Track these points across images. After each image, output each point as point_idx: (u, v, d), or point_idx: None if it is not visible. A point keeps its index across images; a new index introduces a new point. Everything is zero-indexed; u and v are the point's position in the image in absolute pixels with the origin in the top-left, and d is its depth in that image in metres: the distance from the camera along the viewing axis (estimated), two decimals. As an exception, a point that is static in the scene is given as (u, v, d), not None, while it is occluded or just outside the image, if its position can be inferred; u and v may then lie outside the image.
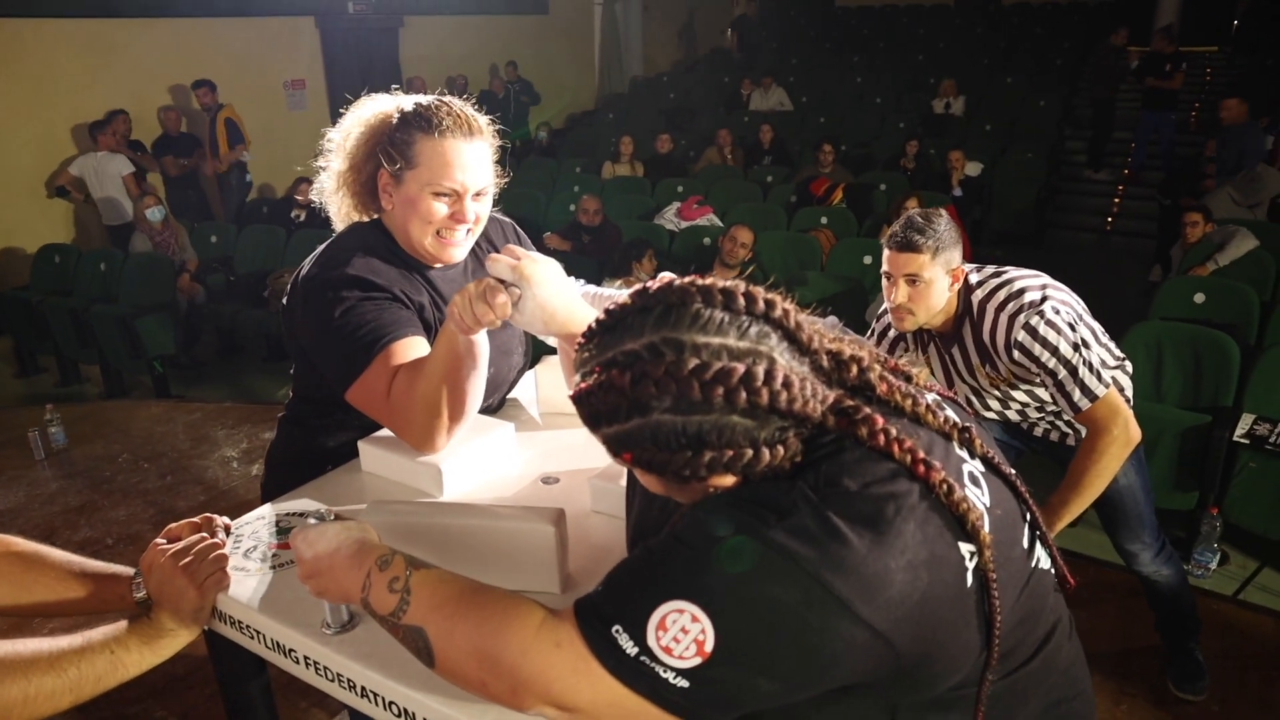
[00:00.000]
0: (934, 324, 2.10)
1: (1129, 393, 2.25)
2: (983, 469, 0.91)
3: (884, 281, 2.09)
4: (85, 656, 1.14)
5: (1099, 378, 1.97)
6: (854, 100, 10.70)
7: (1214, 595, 3.07)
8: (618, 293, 1.79)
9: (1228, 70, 11.24)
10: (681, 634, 0.77)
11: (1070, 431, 2.23)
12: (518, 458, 1.58)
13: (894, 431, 0.83)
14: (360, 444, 1.54)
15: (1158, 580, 2.40)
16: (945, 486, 0.82)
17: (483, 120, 1.51)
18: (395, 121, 1.48)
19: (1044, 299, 1.99)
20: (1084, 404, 1.97)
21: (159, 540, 1.31)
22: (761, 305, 0.83)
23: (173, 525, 1.34)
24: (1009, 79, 10.62)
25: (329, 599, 1.08)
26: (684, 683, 0.77)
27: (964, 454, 0.90)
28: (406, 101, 1.51)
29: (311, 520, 1.08)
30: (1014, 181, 8.07)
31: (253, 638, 1.22)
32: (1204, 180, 6.91)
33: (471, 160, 1.47)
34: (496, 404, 1.77)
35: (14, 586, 1.31)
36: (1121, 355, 2.24)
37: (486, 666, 0.86)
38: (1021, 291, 2.01)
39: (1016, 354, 1.99)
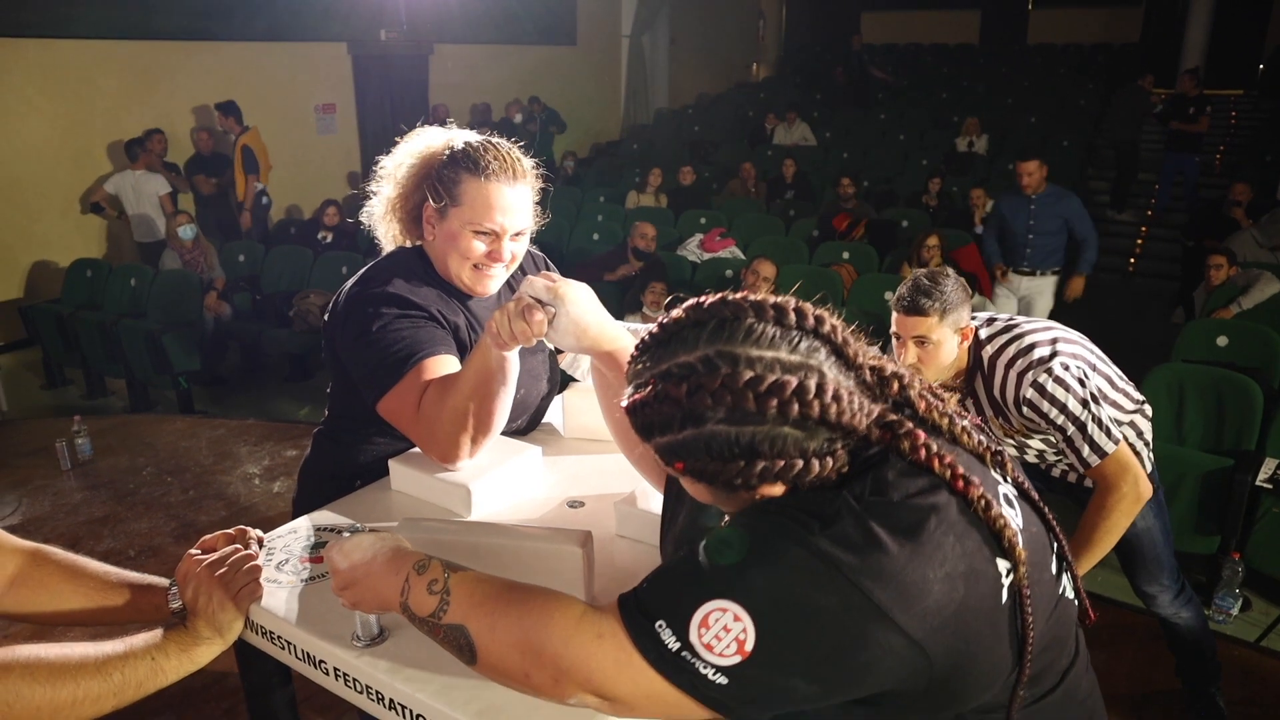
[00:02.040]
0: (945, 380, 2.12)
1: (1149, 435, 2.25)
2: (1014, 493, 0.94)
3: (893, 342, 2.11)
4: (128, 662, 1.17)
5: (1109, 434, 1.97)
6: (877, 137, 10.76)
7: (1236, 641, 3.03)
8: (641, 327, 1.83)
9: (1253, 114, 11.25)
10: (723, 632, 0.79)
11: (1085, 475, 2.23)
12: (544, 481, 1.61)
13: (935, 446, 0.86)
14: (391, 462, 1.57)
15: (1177, 623, 2.39)
16: (984, 502, 0.84)
17: (528, 164, 1.57)
18: (445, 159, 1.55)
19: (1053, 354, 2.00)
20: (1093, 460, 1.98)
21: (194, 551, 1.34)
22: (811, 320, 0.87)
23: (207, 536, 1.37)
24: (1032, 118, 10.65)
25: (364, 609, 1.11)
26: (723, 679, 0.80)
27: (997, 476, 0.93)
28: (457, 139, 1.57)
29: (345, 533, 1.11)
30: (1036, 220, 8.06)
31: (284, 648, 1.24)
32: (1228, 224, 6.89)
33: (513, 203, 1.54)
34: (524, 426, 1.80)
35: (53, 595, 1.34)
36: (1140, 398, 2.25)
37: (530, 658, 0.89)
38: (1031, 348, 2.02)
39: (1026, 410, 2.00)
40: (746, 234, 7.14)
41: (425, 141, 1.60)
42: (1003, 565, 0.84)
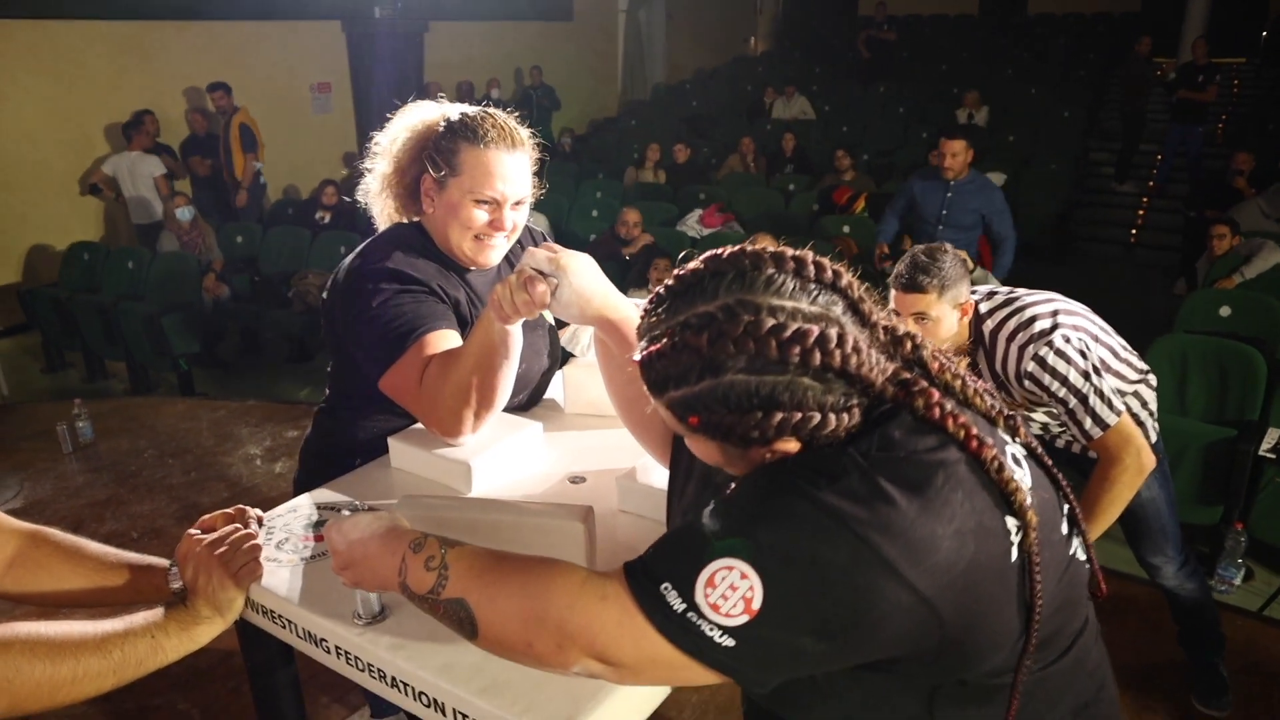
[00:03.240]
0: None
1: (1153, 406, 2.24)
2: (1024, 454, 0.93)
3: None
4: (129, 640, 1.17)
5: (1110, 406, 1.96)
6: (877, 110, 10.68)
7: (1238, 611, 3.04)
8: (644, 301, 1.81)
9: (1256, 82, 11.15)
10: (730, 591, 0.78)
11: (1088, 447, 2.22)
12: (545, 457, 1.60)
13: (949, 405, 0.85)
14: (390, 440, 1.56)
15: (1181, 594, 2.38)
16: (996, 463, 0.83)
17: (524, 133, 1.57)
18: (442, 130, 1.54)
19: (1054, 327, 1.98)
20: (1096, 432, 1.97)
21: (193, 530, 1.33)
22: (830, 274, 0.86)
23: (206, 516, 1.36)
24: (1033, 90, 10.56)
25: (364, 588, 1.10)
26: (730, 641, 0.78)
27: (1007, 437, 0.92)
28: (453, 110, 1.57)
29: (345, 512, 1.10)
30: (1038, 193, 8.03)
31: (284, 627, 1.24)
32: (1231, 194, 6.84)
33: (513, 171, 1.53)
34: (525, 402, 1.79)
35: (52, 576, 1.34)
36: (1144, 368, 2.23)
37: (532, 625, 0.87)
38: (1032, 320, 2.01)
39: (1027, 383, 1.99)
40: (746, 209, 7.10)
41: (419, 115, 1.59)
42: (1012, 524, 0.83)
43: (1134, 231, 8.87)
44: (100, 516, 3.56)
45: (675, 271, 0.90)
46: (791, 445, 0.85)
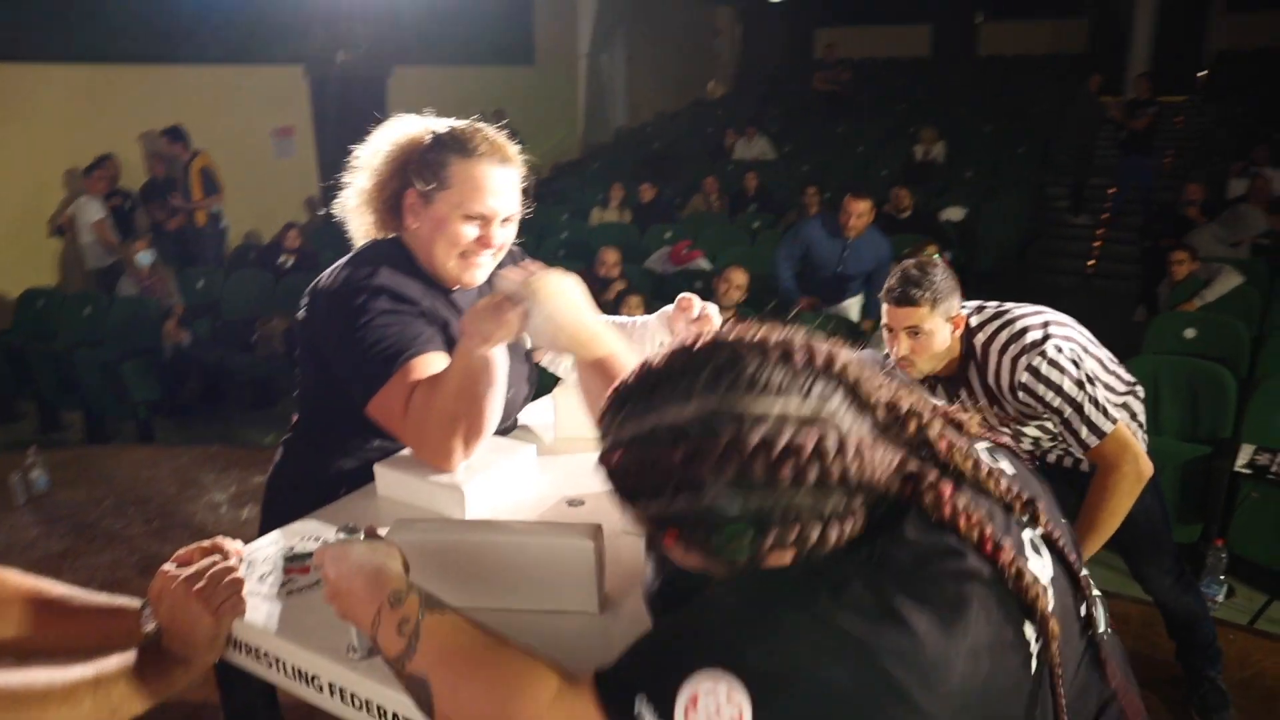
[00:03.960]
0: (938, 369, 2.09)
1: (1141, 417, 2.24)
2: (1043, 542, 0.83)
3: (885, 334, 2.08)
4: (100, 687, 1.08)
5: (1105, 414, 1.96)
6: (837, 149, 10.85)
7: (1229, 625, 3.03)
8: (636, 319, 1.76)
9: (1198, 118, 11.52)
10: (714, 715, 0.69)
11: (1084, 458, 2.21)
12: (540, 480, 1.54)
13: (962, 503, 0.75)
14: (376, 467, 1.49)
15: (1176, 608, 2.37)
16: (1015, 570, 0.74)
17: (514, 149, 1.52)
18: (429, 142, 1.49)
19: (1046, 338, 1.98)
20: (1092, 441, 1.96)
21: (168, 566, 1.25)
22: (821, 360, 0.75)
23: (182, 551, 1.28)
24: (988, 127, 10.82)
25: (351, 622, 1.03)
26: None
27: (1026, 525, 0.83)
28: (439, 124, 1.52)
29: (340, 534, 1.03)
30: (997, 226, 8.17)
31: (271, 666, 1.15)
32: (1184, 223, 7.01)
33: (503, 186, 1.48)
34: (509, 428, 1.73)
35: (10, 622, 1.24)
36: (1132, 380, 2.24)
37: None
38: (1023, 332, 2.00)
39: (1022, 395, 1.98)
40: (712, 246, 7.13)
41: (402, 128, 1.54)
42: (1030, 632, 0.75)
43: (1091, 262, 9.05)
44: (57, 569, 3.38)
45: (640, 363, 0.79)
46: (783, 558, 0.75)
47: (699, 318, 1.58)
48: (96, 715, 1.07)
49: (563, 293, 1.20)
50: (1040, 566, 0.79)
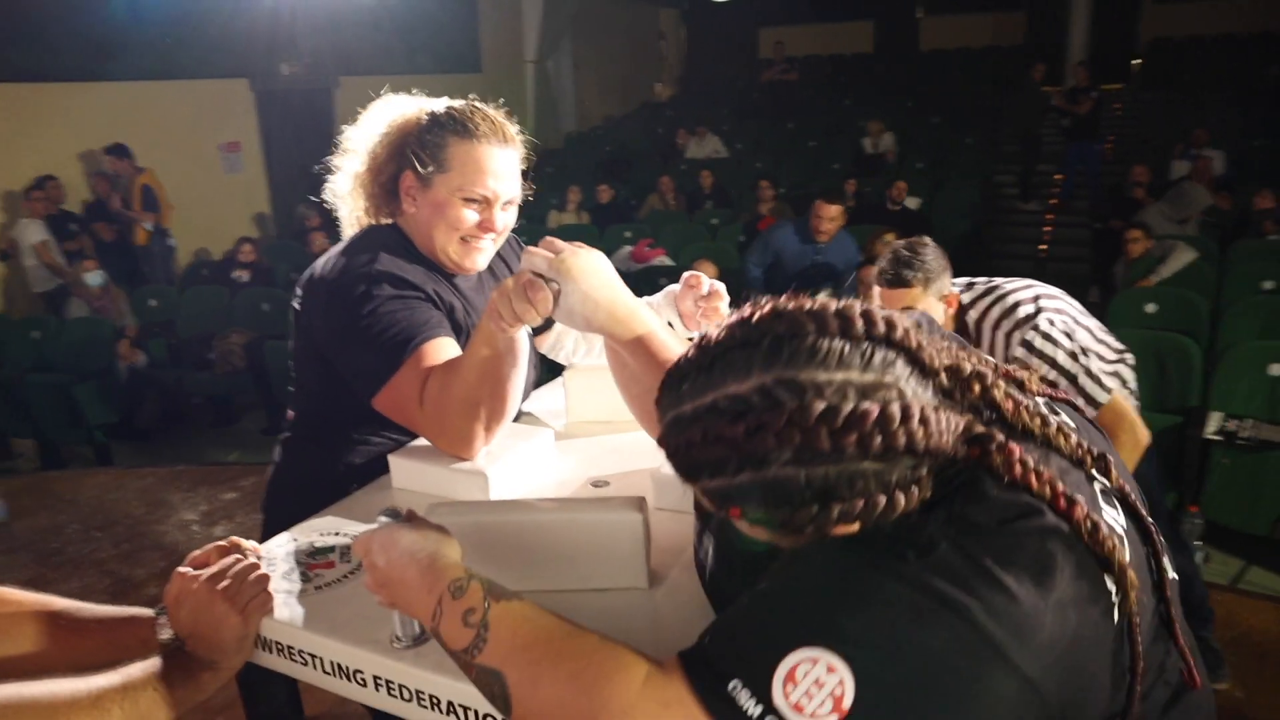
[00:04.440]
0: None
1: (1133, 384, 2.27)
2: (1115, 494, 0.83)
3: None
4: (128, 695, 1.02)
5: (1100, 384, 1.97)
6: (787, 145, 10.95)
7: (1214, 586, 3.08)
8: (641, 300, 1.73)
9: (1135, 104, 11.84)
10: (815, 688, 0.67)
11: None
12: (560, 464, 1.50)
13: (1031, 461, 0.74)
14: (391, 458, 1.43)
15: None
16: (1089, 524, 0.73)
17: (514, 129, 1.47)
18: (426, 123, 1.43)
19: (1038, 311, 2.00)
20: (1089, 411, 1.96)
21: (184, 569, 1.19)
22: (881, 327, 0.73)
23: (196, 553, 1.22)
24: (934, 119, 11.00)
25: (401, 611, 0.98)
26: None
27: (1098, 477, 0.82)
28: (436, 104, 1.47)
29: (383, 519, 0.98)
30: (951, 215, 8.30)
31: (305, 663, 1.10)
32: (1131, 204, 7.19)
33: (504, 168, 1.44)
34: (514, 415, 1.69)
35: (15, 640, 1.18)
36: (1121, 348, 2.26)
37: None
38: (1015, 306, 2.02)
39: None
40: (673, 244, 7.14)
41: (397, 109, 1.48)
42: (1109, 584, 0.74)
43: (1043, 246, 9.22)
44: (22, 600, 3.24)
45: (697, 338, 0.78)
46: (851, 529, 0.73)
47: (708, 294, 1.55)
48: None
49: (597, 270, 1.14)
50: (1113, 518, 0.79)
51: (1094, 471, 0.82)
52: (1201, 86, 11.10)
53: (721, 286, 1.56)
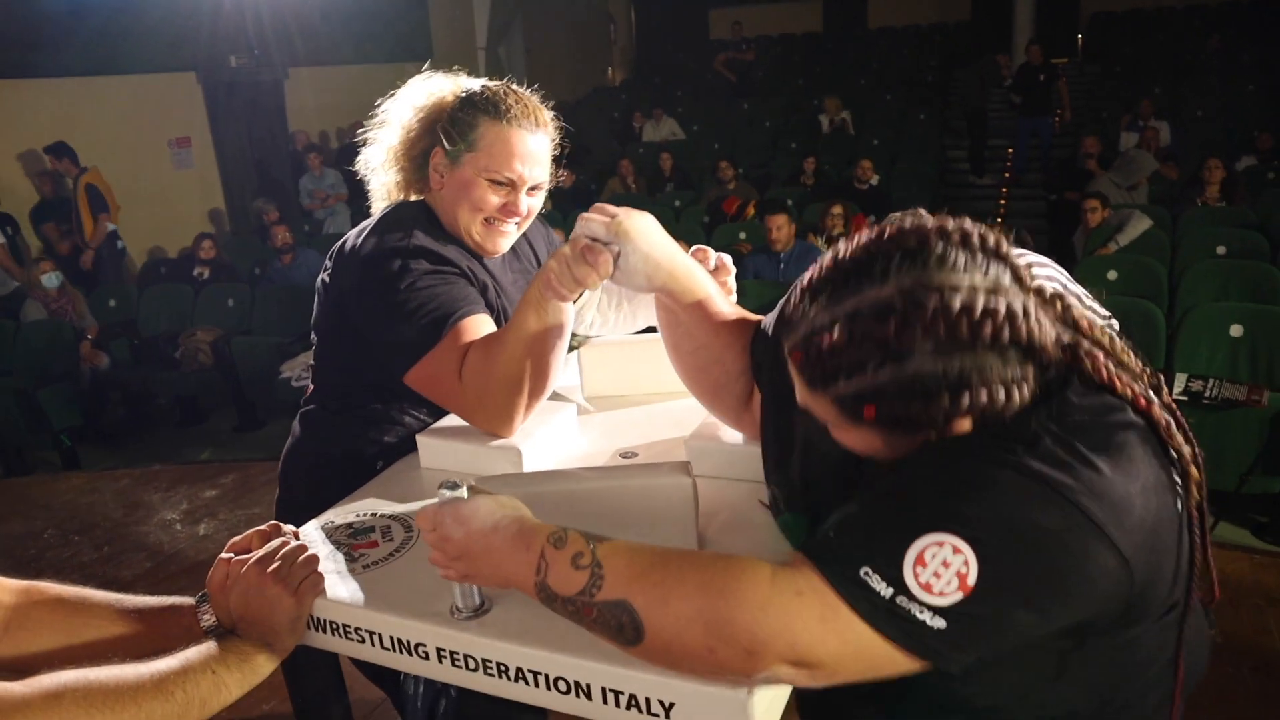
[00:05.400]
0: None
1: (1117, 347, 2.35)
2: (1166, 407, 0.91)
3: None
4: (189, 678, 1.02)
5: None
6: (744, 125, 11.00)
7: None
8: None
9: (1080, 78, 12.08)
10: (942, 568, 0.74)
11: None
12: (586, 437, 1.51)
13: (1113, 367, 0.84)
14: (419, 438, 1.43)
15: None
16: (1164, 421, 0.83)
17: (548, 114, 1.47)
18: (461, 101, 1.43)
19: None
20: None
21: (226, 554, 1.19)
22: (993, 242, 0.82)
23: (238, 539, 1.22)
24: (887, 96, 11.12)
25: (479, 582, 0.99)
26: (941, 623, 0.74)
27: (1153, 394, 0.89)
28: (472, 83, 1.47)
29: (445, 492, 0.99)
30: (907, 190, 8.41)
31: (363, 640, 1.10)
32: (1084, 175, 7.35)
33: (534, 152, 1.44)
34: None
35: (59, 633, 1.17)
36: (1106, 313, 2.32)
37: (714, 630, 0.79)
38: None
39: None
40: (639, 227, 7.13)
41: (433, 86, 1.48)
42: (1178, 482, 0.84)
43: (999, 220, 9.39)
44: (3, 608, 3.16)
45: (826, 258, 0.85)
46: (965, 426, 0.82)
47: (716, 268, 1.57)
48: (187, 707, 1.02)
49: (653, 230, 1.16)
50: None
51: (1155, 383, 0.90)
52: (1143, 60, 11.37)
53: (728, 259, 1.58)
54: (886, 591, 0.75)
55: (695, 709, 0.89)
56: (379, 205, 1.56)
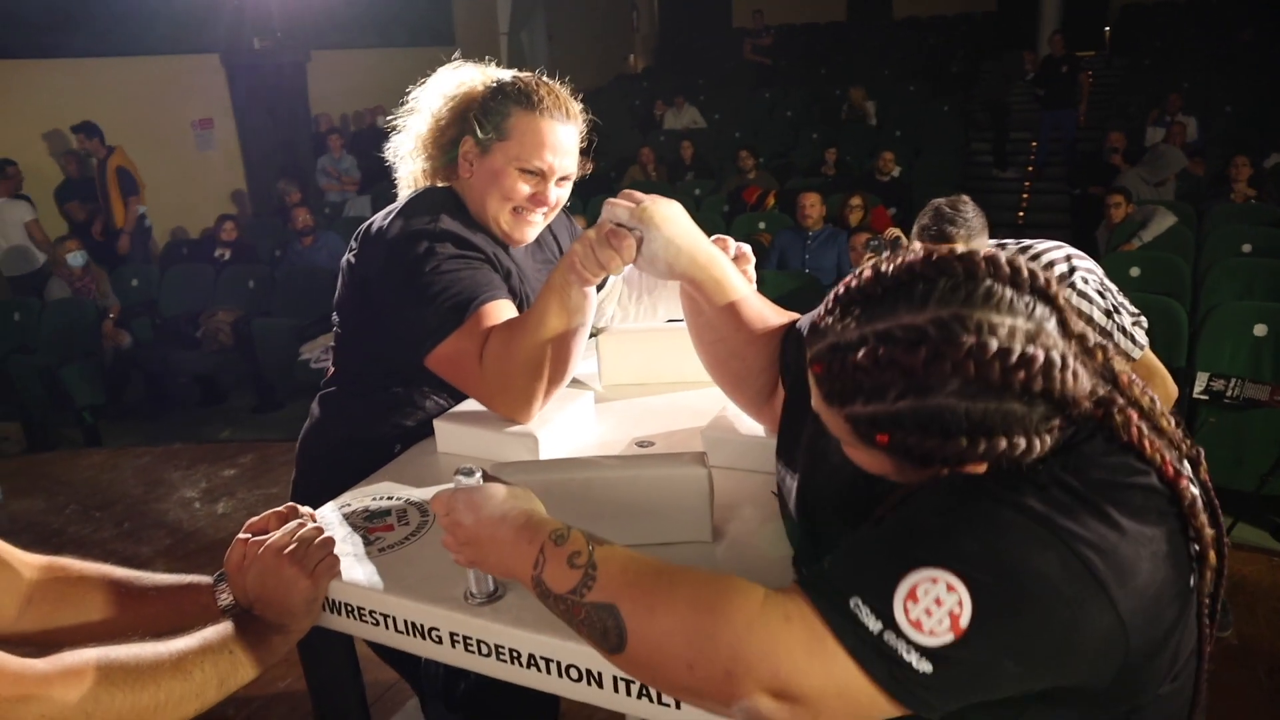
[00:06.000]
0: None
1: (1146, 345, 2.33)
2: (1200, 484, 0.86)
3: None
4: (207, 658, 1.03)
5: (1134, 341, 2.01)
6: (765, 115, 10.93)
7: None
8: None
9: (1107, 71, 11.93)
10: (934, 606, 0.71)
11: None
12: (602, 426, 1.52)
13: (1146, 429, 0.79)
14: (436, 423, 1.44)
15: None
16: (1190, 498, 0.78)
17: (577, 107, 1.49)
18: (492, 90, 1.45)
19: (1072, 270, 2.02)
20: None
21: (244, 535, 1.20)
22: (1042, 281, 0.78)
23: (254, 520, 1.23)
24: (911, 87, 11.02)
25: (485, 569, 0.99)
26: (927, 666, 0.71)
27: (1188, 471, 0.85)
28: (503, 74, 1.49)
29: (461, 479, 1.00)
30: (929, 182, 8.34)
31: (378, 623, 1.11)
32: (1108, 170, 7.27)
33: (564, 143, 1.45)
34: None
35: (79, 609, 1.19)
36: (1136, 311, 2.31)
37: (696, 645, 0.77)
38: (1049, 266, 2.05)
39: None
40: (659, 215, 7.12)
41: (463, 76, 1.50)
42: (1193, 565, 0.79)
43: (1021, 213, 9.31)
44: (25, 582, 3.21)
45: (866, 270, 0.81)
46: (979, 468, 0.78)
47: (736, 257, 1.57)
48: (205, 686, 1.03)
49: (678, 217, 1.17)
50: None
51: (1190, 456, 0.85)
52: (1173, 53, 11.20)
53: (748, 248, 1.58)
54: (875, 626, 0.72)
55: (706, 699, 0.89)
56: (405, 192, 1.57)
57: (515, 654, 1.01)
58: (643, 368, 1.66)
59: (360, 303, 1.47)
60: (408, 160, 1.56)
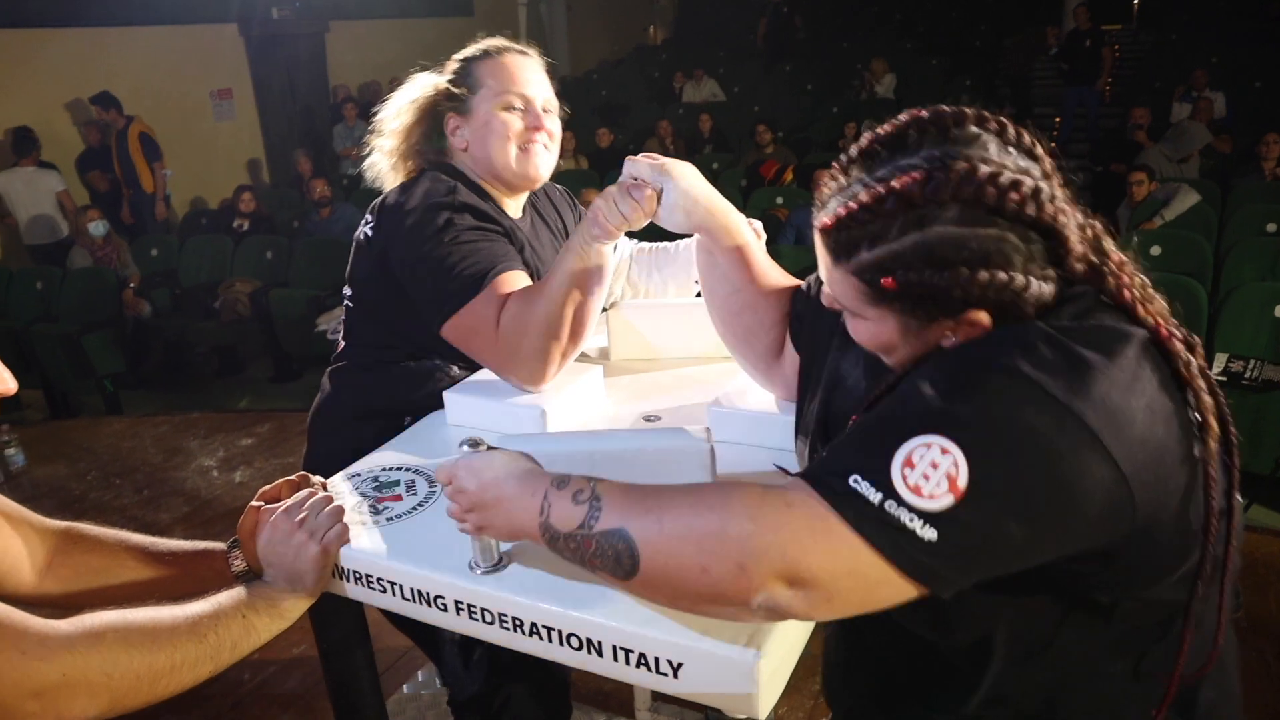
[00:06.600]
0: None
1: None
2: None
3: None
4: (221, 621, 1.06)
5: None
6: (785, 88, 10.82)
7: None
8: (678, 243, 1.75)
9: (1134, 46, 11.73)
10: (931, 469, 0.71)
11: None
12: (611, 400, 1.53)
13: (1138, 291, 0.80)
14: (446, 395, 1.46)
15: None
16: (1184, 358, 0.78)
17: (531, 48, 1.58)
18: (451, 71, 1.55)
19: None
20: None
21: (256, 502, 1.23)
22: (1029, 141, 0.82)
23: (267, 488, 1.25)
24: (934, 61, 10.88)
25: (491, 534, 1.01)
26: (932, 533, 0.71)
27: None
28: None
29: (464, 449, 1.01)
30: (951, 158, 8.26)
31: (385, 590, 1.14)
32: (1132, 147, 7.16)
33: (532, 74, 1.53)
34: None
35: (97, 573, 1.22)
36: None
37: (708, 546, 0.78)
38: None
39: None
40: (676, 189, 7.10)
41: (418, 84, 1.59)
42: (1195, 420, 0.77)
43: (1043, 190, 9.20)
44: (47, 546, 3.27)
45: (865, 135, 0.85)
46: (982, 317, 0.79)
47: None
48: (219, 649, 1.06)
49: (695, 172, 1.24)
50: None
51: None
52: (1202, 26, 10.99)
53: (759, 225, 1.58)
54: (875, 497, 0.73)
55: (703, 669, 0.91)
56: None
57: (518, 622, 1.03)
58: (652, 343, 1.67)
59: (377, 275, 1.49)
60: (390, 176, 1.62)
